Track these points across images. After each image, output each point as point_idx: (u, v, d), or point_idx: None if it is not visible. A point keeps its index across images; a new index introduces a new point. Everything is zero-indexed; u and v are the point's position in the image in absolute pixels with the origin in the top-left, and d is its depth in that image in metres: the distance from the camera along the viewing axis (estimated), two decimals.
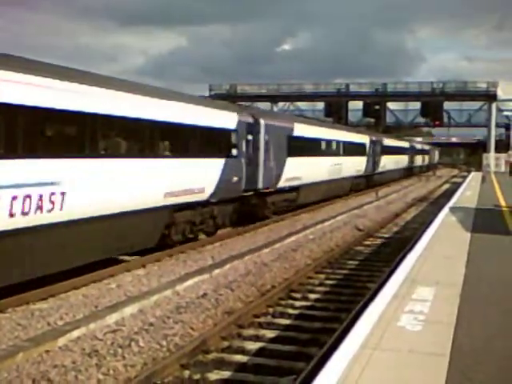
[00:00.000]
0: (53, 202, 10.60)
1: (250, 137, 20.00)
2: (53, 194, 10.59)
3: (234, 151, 18.85)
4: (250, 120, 20.33)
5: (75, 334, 9.06)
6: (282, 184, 23.15)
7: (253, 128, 20.31)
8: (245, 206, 20.43)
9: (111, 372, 7.77)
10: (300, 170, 24.94)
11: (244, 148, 19.51)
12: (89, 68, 13.52)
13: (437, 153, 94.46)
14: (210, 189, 16.88)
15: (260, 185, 20.83)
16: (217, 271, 13.71)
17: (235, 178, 18.69)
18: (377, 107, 64.01)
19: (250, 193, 20.29)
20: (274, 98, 69.80)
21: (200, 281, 12.80)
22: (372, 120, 65.35)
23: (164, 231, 15.21)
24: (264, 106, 63.28)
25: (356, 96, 67.14)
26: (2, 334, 9.04)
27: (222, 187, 17.50)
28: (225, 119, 18.37)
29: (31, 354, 8.25)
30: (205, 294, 11.77)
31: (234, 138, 18.85)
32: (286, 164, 23.27)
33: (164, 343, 8.90)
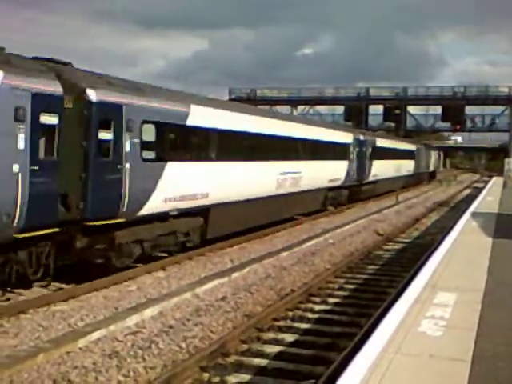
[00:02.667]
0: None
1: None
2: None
3: None
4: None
5: (96, 335, 9.12)
6: (153, 209, 13.76)
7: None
8: None
9: (131, 374, 7.81)
10: (205, 183, 15.80)
11: None
12: (109, 72, 13.56)
13: (434, 156, 68.55)
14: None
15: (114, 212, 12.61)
16: (236, 274, 13.73)
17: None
18: (397, 111, 63.71)
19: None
20: (293, 102, 69.79)
21: (219, 284, 12.83)
22: (392, 124, 65.02)
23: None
24: (283, 110, 63.31)
25: (376, 100, 66.84)
26: (23, 335, 9.13)
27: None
28: None
29: (52, 355, 8.32)
30: (224, 297, 11.79)
31: None
32: (166, 174, 14.03)
33: (184, 345, 8.93)
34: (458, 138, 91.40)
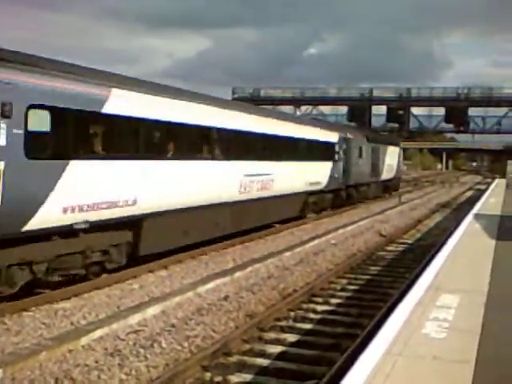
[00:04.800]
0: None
1: None
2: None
3: None
4: None
5: (98, 333, 9.11)
6: (47, 222, 10.48)
7: None
8: None
9: (133, 372, 7.80)
10: (132, 187, 12.55)
11: None
12: (115, 70, 13.39)
13: (393, 155, 41.21)
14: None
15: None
16: (238, 274, 13.71)
17: None
18: (400, 112, 63.74)
19: None
20: (297, 102, 69.79)
21: (222, 283, 12.82)
22: (396, 125, 65.03)
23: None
24: (287, 110, 63.33)
25: (379, 101, 66.87)
26: (25, 333, 9.12)
27: None
28: None
29: (54, 353, 8.31)
30: (226, 297, 11.78)
31: None
32: (67, 175, 10.73)
33: (186, 344, 8.92)
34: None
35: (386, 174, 38.74)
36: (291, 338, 9.59)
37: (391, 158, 40.36)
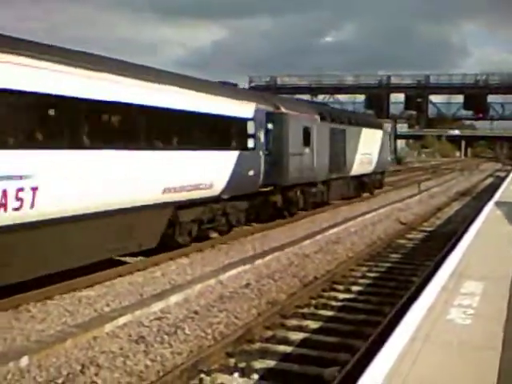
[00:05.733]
0: None
1: None
2: None
3: None
4: None
5: (122, 320, 9.21)
6: None
7: None
8: None
9: (158, 358, 7.87)
10: None
11: None
12: (128, 59, 12.76)
13: (366, 140, 28.74)
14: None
15: None
16: (259, 262, 13.75)
17: None
18: (419, 100, 63.30)
19: None
20: (313, 91, 69.54)
21: (243, 271, 12.87)
22: (414, 113, 64.63)
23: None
24: (303, 97, 63.11)
25: (397, 88, 66.43)
26: (50, 320, 9.24)
27: None
28: None
29: (79, 340, 8.41)
30: (248, 284, 11.83)
31: None
32: None
33: (209, 331, 8.98)
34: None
35: (361, 167, 28.19)
36: (313, 324, 9.61)
37: (369, 144, 29.29)
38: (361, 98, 70.63)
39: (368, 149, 29.17)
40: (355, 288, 12.08)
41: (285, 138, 19.26)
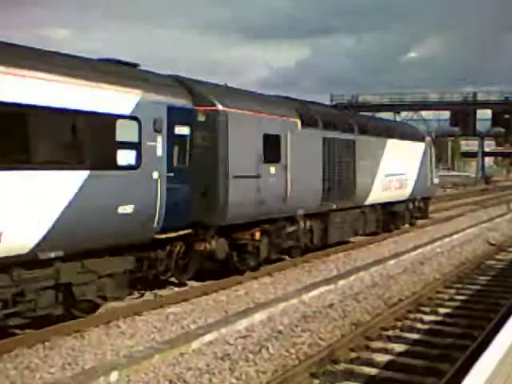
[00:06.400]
0: None
1: None
2: None
3: None
4: None
5: (208, 337, 9.37)
6: None
7: None
8: None
9: (243, 377, 7.96)
10: None
11: None
12: (216, 80, 13.09)
13: (397, 155, 21.29)
14: None
15: None
16: (342, 282, 13.67)
17: None
18: (507, 116, 61.26)
19: None
20: (396, 108, 68.65)
21: (326, 291, 12.83)
22: (502, 130, 62.59)
23: None
24: (386, 115, 62.34)
25: (484, 104, 64.55)
26: (139, 336, 9.52)
27: None
28: None
29: (167, 356, 8.62)
30: (331, 305, 11.78)
31: None
32: None
33: (293, 351, 9.00)
34: None
35: (385, 193, 20.73)
36: (398, 347, 9.44)
37: (401, 161, 21.82)
38: (446, 114, 69.09)
39: (399, 167, 21.58)
40: (442, 310, 11.74)
41: (220, 149, 12.44)
